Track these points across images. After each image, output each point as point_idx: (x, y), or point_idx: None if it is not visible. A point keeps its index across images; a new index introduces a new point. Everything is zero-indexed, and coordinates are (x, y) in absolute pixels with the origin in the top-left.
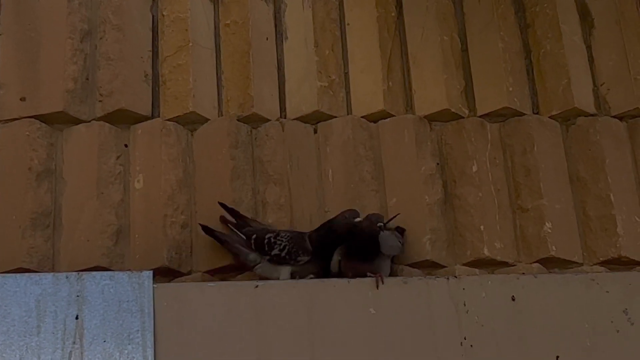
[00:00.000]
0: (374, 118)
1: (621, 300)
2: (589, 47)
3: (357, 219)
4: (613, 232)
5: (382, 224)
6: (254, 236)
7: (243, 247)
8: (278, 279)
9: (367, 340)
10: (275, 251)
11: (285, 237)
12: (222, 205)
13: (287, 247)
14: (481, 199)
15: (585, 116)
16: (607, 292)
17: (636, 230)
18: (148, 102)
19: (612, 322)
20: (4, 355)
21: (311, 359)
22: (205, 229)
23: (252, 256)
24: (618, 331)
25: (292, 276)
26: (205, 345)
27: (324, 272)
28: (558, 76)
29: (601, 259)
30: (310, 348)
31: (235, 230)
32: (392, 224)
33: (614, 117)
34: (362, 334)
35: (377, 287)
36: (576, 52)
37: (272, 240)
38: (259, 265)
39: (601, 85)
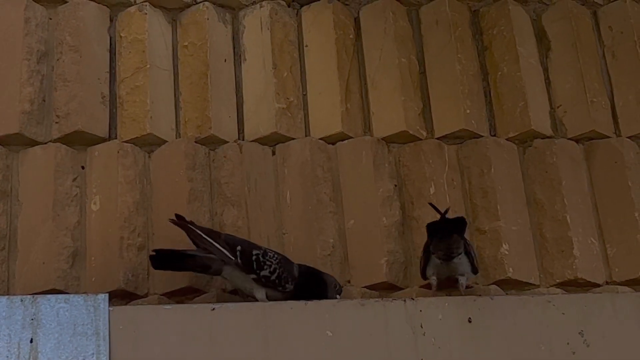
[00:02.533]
0: (332, 140)
1: (577, 322)
2: (545, 70)
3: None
4: (569, 253)
5: None
6: (239, 248)
7: (219, 254)
8: (246, 288)
9: None
10: (265, 272)
11: (275, 259)
12: (178, 217)
13: (277, 271)
14: None
15: (542, 138)
16: (563, 313)
17: (592, 252)
18: (105, 124)
19: (568, 343)
20: None
21: None
22: (157, 258)
23: (228, 268)
24: (574, 353)
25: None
26: None
27: None
28: (515, 98)
29: (557, 280)
30: None
31: (206, 236)
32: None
33: (571, 139)
34: (318, 356)
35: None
36: (533, 75)
37: (262, 259)
38: (227, 271)
39: (558, 107)
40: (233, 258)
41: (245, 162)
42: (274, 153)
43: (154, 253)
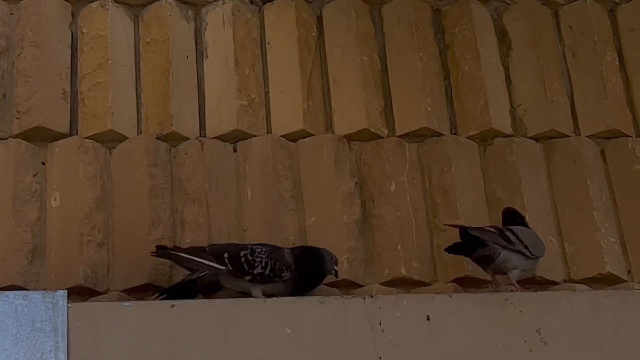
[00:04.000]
0: (294, 137)
1: (534, 320)
2: (506, 69)
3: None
4: None
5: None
6: (226, 255)
7: (208, 268)
8: (244, 292)
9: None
10: (258, 270)
11: (264, 253)
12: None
13: (269, 264)
14: (399, 219)
15: (502, 137)
16: (521, 311)
17: (550, 250)
18: (66, 120)
19: (525, 341)
20: None
21: None
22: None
23: (223, 278)
24: (531, 350)
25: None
26: None
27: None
28: (476, 97)
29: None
30: None
31: (190, 256)
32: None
33: (530, 138)
34: (278, 353)
35: None
36: (494, 74)
37: (250, 258)
38: (224, 280)
39: (518, 106)
40: (223, 267)
41: (206, 159)
42: (235, 150)
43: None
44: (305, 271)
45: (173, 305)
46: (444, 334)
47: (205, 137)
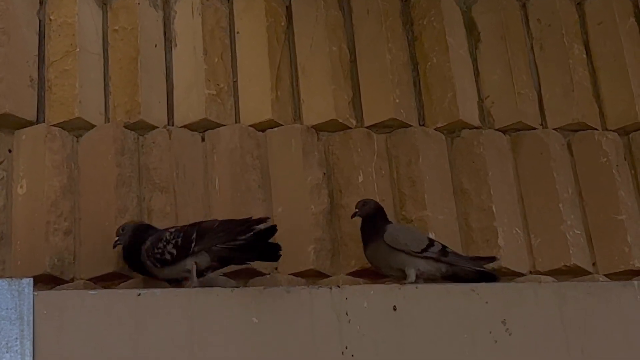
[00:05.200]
0: (262, 127)
1: (500, 311)
2: (475, 61)
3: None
4: (494, 243)
5: None
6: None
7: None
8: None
9: (248, 349)
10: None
11: (173, 232)
12: None
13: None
14: None
15: (469, 129)
16: (487, 302)
17: (517, 242)
18: (33, 107)
19: (490, 332)
20: None
21: None
22: None
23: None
24: (496, 341)
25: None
26: (85, 354)
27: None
28: (444, 89)
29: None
30: (191, 356)
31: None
32: None
33: (498, 130)
34: (244, 343)
35: None
36: (462, 66)
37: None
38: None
39: (486, 98)
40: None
41: (174, 148)
42: (203, 139)
43: None
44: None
45: (139, 294)
46: (411, 325)
47: (173, 126)
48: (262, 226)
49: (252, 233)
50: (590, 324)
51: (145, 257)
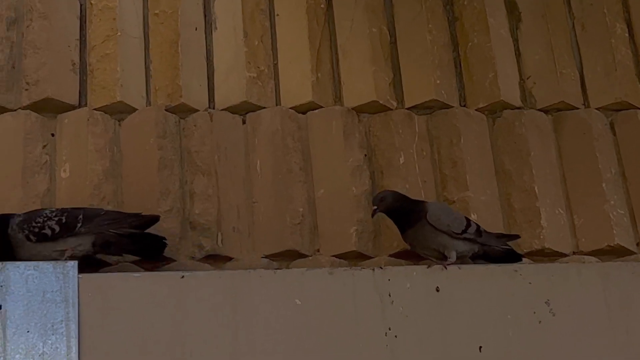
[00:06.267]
0: (303, 109)
1: (543, 292)
2: (515, 41)
3: None
4: (537, 224)
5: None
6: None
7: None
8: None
9: (292, 331)
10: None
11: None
12: None
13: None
14: (408, 191)
15: (511, 109)
16: (530, 283)
17: (559, 222)
18: (75, 91)
19: (534, 313)
20: None
21: (235, 349)
22: None
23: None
24: (540, 322)
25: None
26: (130, 336)
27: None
28: (485, 69)
29: (525, 250)
30: (235, 338)
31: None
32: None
33: (540, 110)
34: (287, 325)
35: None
36: (503, 46)
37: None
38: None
39: (527, 78)
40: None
41: (215, 130)
42: (244, 122)
43: None
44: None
45: (183, 276)
46: (454, 306)
47: (214, 108)
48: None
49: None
50: (634, 304)
51: (18, 229)
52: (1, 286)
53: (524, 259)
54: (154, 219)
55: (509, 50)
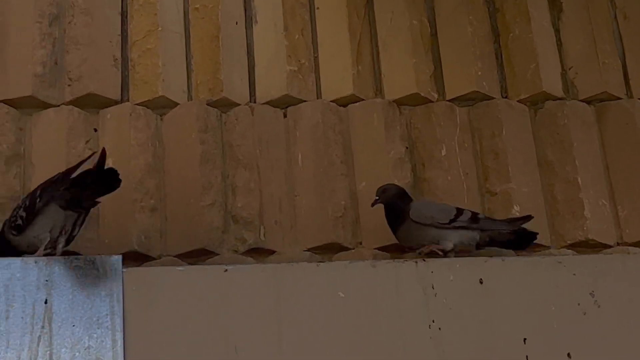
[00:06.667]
0: (344, 102)
1: (588, 283)
2: (557, 31)
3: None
4: (580, 215)
5: None
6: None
7: None
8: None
9: (335, 324)
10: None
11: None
12: None
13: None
14: (450, 183)
15: (553, 100)
16: (574, 274)
17: (603, 213)
18: (117, 87)
19: (579, 304)
20: None
21: (279, 342)
22: None
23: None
24: (585, 313)
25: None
26: (174, 329)
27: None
28: (526, 60)
29: (568, 241)
30: (278, 331)
31: None
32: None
33: (582, 100)
34: (330, 317)
35: None
36: (545, 36)
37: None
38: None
39: (569, 69)
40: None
41: (256, 124)
42: (285, 115)
43: None
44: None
45: (226, 270)
46: (497, 298)
47: (255, 102)
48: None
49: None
50: None
51: (7, 230)
52: (47, 281)
53: (567, 251)
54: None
55: (551, 41)
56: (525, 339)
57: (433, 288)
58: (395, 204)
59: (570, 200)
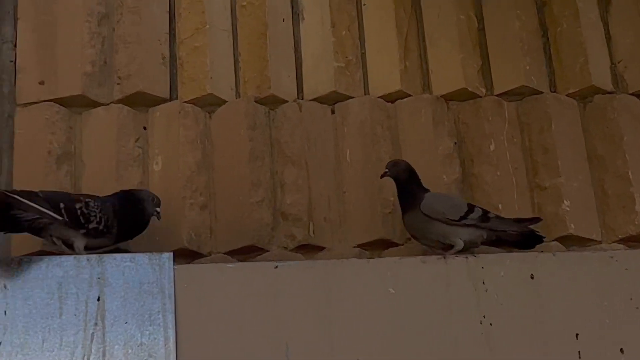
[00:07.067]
0: (391, 98)
1: None
2: (605, 25)
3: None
4: (631, 209)
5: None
6: (62, 205)
7: (43, 215)
8: (67, 241)
9: (385, 320)
10: (93, 224)
11: (96, 207)
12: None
13: (103, 219)
14: (499, 178)
15: (602, 94)
16: (626, 269)
17: None
18: (166, 85)
19: (631, 299)
20: (26, 337)
21: (330, 338)
22: None
23: (55, 227)
24: (637, 308)
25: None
26: (225, 325)
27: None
28: (575, 54)
29: (620, 236)
30: (329, 328)
31: (25, 200)
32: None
33: (632, 94)
34: (380, 313)
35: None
36: (593, 30)
37: (86, 211)
38: (54, 230)
39: (618, 62)
40: (60, 217)
41: (304, 121)
42: (333, 112)
43: None
44: (125, 219)
45: (277, 267)
46: (549, 293)
47: (303, 99)
48: None
49: None
50: None
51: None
52: (99, 278)
53: (619, 245)
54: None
55: (599, 35)
56: (577, 335)
57: (484, 284)
58: (408, 187)
59: (621, 194)
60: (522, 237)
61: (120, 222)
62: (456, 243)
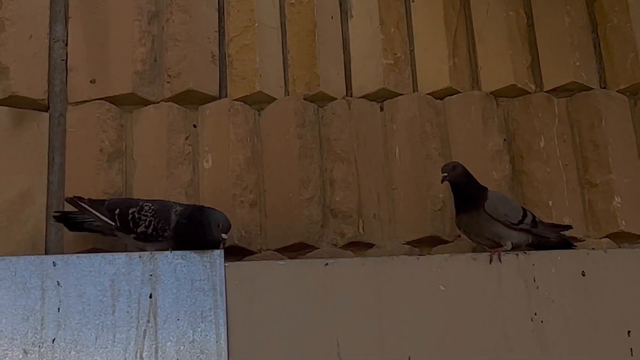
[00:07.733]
0: (440, 95)
1: None
2: None
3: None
4: None
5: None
6: (117, 211)
7: (102, 222)
8: (133, 245)
9: (436, 317)
10: (142, 229)
11: (150, 211)
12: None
13: (152, 223)
14: (549, 175)
15: None
16: None
17: None
18: (215, 83)
19: None
20: (80, 333)
21: (381, 335)
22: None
23: (118, 232)
24: None
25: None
26: (277, 323)
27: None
28: (625, 50)
29: None
30: (380, 325)
31: (89, 208)
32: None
33: None
34: (431, 310)
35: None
36: None
37: (137, 216)
38: (119, 234)
39: None
40: (113, 223)
41: (353, 118)
42: (382, 109)
43: (57, 214)
44: (183, 230)
45: (327, 264)
46: (600, 290)
47: (351, 96)
48: None
49: None
50: None
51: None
52: (151, 275)
53: None
54: None
55: None
56: (629, 332)
57: (535, 281)
58: (467, 189)
59: None
60: (560, 243)
61: (177, 231)
62: (506, 244)
